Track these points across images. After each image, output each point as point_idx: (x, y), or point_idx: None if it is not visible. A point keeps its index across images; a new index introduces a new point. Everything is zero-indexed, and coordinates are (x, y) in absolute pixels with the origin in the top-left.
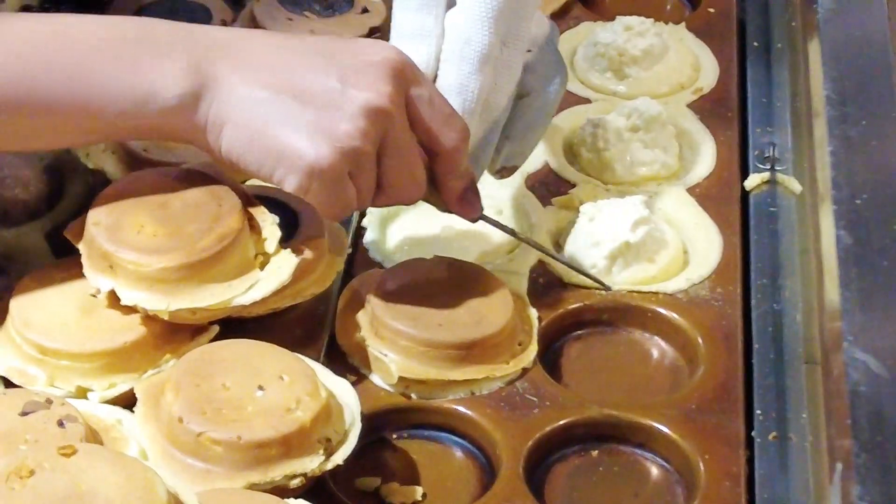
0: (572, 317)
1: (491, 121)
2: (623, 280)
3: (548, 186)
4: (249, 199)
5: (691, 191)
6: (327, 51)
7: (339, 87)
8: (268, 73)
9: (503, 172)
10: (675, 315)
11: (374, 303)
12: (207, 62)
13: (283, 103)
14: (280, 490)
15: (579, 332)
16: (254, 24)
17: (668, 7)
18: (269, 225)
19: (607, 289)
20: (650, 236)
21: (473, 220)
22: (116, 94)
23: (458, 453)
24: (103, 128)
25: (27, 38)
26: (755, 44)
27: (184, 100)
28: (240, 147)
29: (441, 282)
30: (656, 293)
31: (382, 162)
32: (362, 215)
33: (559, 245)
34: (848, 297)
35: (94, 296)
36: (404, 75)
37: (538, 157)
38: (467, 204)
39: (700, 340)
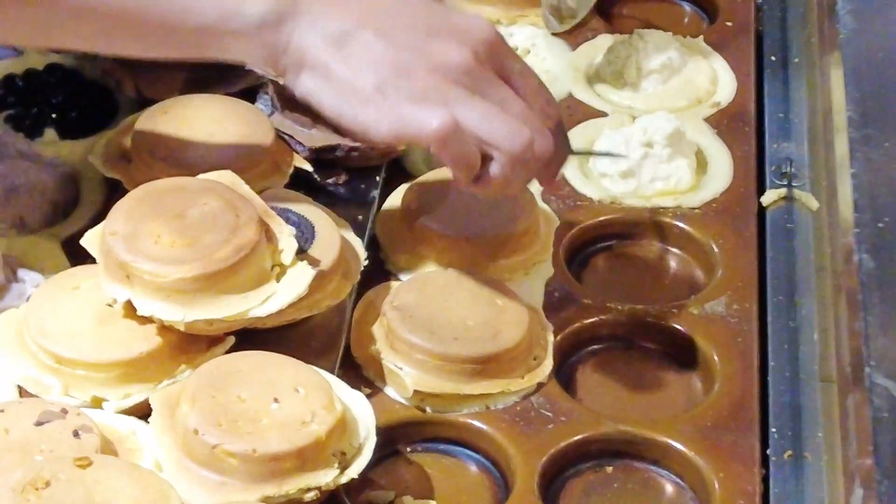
0: (588, 332)
1: None
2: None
3: (564, 199)
4: (266, 210)
5: (707, 206)
6: (422, 4)
7: (423, 36)
8: (352, 6)
9: None
10: (690, 331)
11: (389, 315)
12: None
13: (362, 43)
14: (295, 503)
15: (595, 347)
16: None
17: (686, 20)
18: (286, 236)
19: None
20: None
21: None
22: (203, 5)
23: (473, 468)
24: (177, 39)
25: None
26: (773, 58)
27: (265, 19)
28: (320, 94)
29: (457, 295)
30: (671, 309)
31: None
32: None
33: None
34: (870, 321)
35: (110, 305)
36: (496, 47)
37: None
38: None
39: (715, 357)
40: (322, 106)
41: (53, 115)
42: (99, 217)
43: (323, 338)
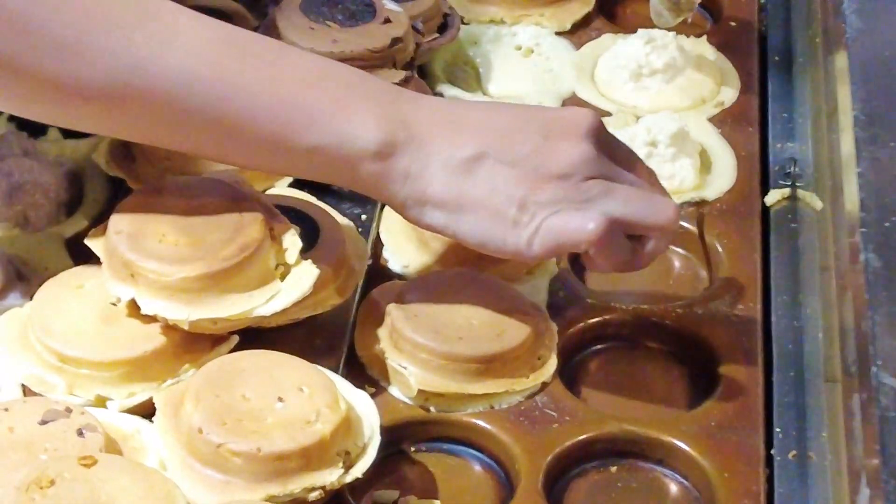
0: (592, 331)
1: None
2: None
3: None
4: (270, 209)
5: (711, 206)
6: (524, 111)
7: (542, 143)
8: (467, 132)
9: None
10: (694, 331)
11: (393, 315)
12: (409, 119)
13: (488, 168)
14: (299, 502)
15: (599, 346)
16: (275, 31)
17: (690, 20)
18: (290, 235)
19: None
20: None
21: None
22: (316, 127)
23: (477, 467)
24: (287, 157)
25: (247, 47)
26: (776, 58)
27: (382, 148)
28: (455, 227)
29: (461, 294)
30: (675, 308)
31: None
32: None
33: None
34: (877, 320)
35: (114, 304)
36: (603, 132)
37: None
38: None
39: (720, 357)
40: (460, 237)
41: None
42: (103, 216)
43: (327, 337)
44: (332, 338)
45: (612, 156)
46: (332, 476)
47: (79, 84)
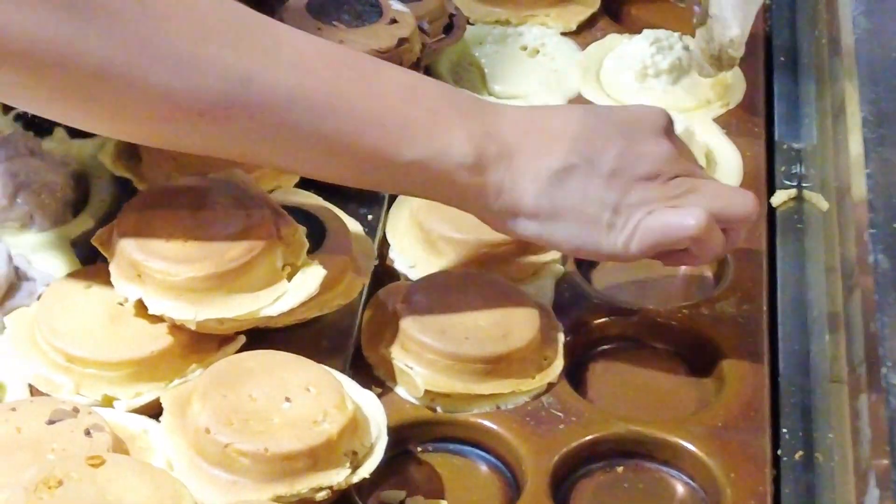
0: (598, 332)
1: None
2: None
3: None
4: (277, 209)
5: None
6: (600, 114)
7: (626, 146)
8: (552, 143)
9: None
10: (701, 331)
11: (400, 315)
12: (495, 132)
13: (578, 176)
14: (306, 502)
15: (605, 347)
16: None
17: (695, 20)
18: (297, 235)
19: None
20: None
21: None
22: (416, 141)
23: (483, 468)
24: (385, 172)
25: (343, 59)
26: (782, 58)
27: (477, 161)
28: (549, 236)
29: (468, 295)
30: (681, 309)
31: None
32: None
33: None
34: (886, 322)
35: (121, 304)
36: (673, 129)
37: None
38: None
39: (726, 357)
40: (555, 245)
41: None
42: (109, 216)
43: (334, 337)
44: (338, 338)
45: (681, 151)
46: (339, 476)
47: (194, 97)
